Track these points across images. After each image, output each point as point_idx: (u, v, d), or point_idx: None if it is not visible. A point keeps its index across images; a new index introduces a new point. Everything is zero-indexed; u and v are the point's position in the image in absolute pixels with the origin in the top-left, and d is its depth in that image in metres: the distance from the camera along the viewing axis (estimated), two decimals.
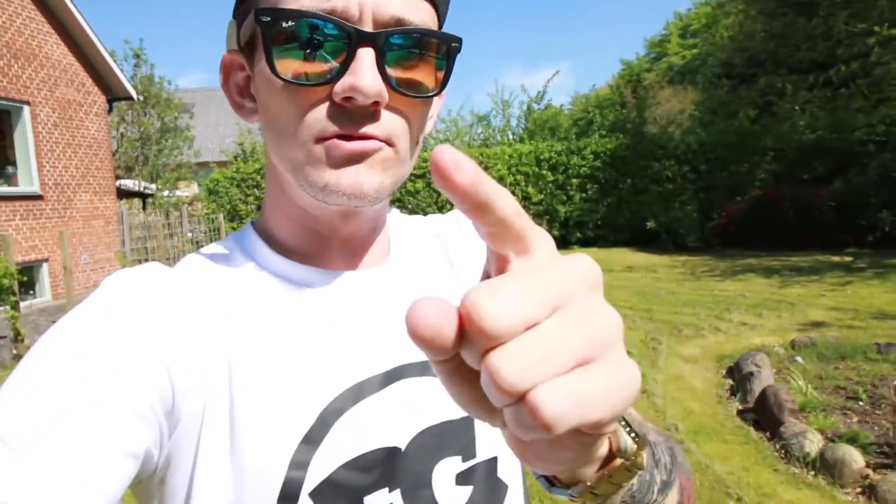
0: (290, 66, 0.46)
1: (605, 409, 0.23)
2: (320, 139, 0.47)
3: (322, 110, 0.47)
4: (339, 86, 0.45)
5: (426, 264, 0.62)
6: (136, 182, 18.85)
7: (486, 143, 15.99)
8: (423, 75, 0.49)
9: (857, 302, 6.21)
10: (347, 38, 0.45)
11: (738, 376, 4.18)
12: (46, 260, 9.72)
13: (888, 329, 5.12)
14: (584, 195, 12.57)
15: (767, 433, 3.43)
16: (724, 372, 4.49)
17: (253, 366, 0.48)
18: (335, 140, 0.47)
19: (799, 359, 4.40)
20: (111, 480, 0.40)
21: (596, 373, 0.23)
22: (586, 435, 0.26)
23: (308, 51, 0.46)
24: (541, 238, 0.27)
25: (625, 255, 10.85)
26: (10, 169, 9.68)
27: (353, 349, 0.52)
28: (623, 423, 0.39)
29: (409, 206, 12.76)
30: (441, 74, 0.50)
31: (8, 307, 6.51)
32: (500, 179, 12.78)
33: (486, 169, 12.89)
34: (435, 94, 0.50)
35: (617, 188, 12.40)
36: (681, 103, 20.45)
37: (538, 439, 0.25)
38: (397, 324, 0.55)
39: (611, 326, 0.25)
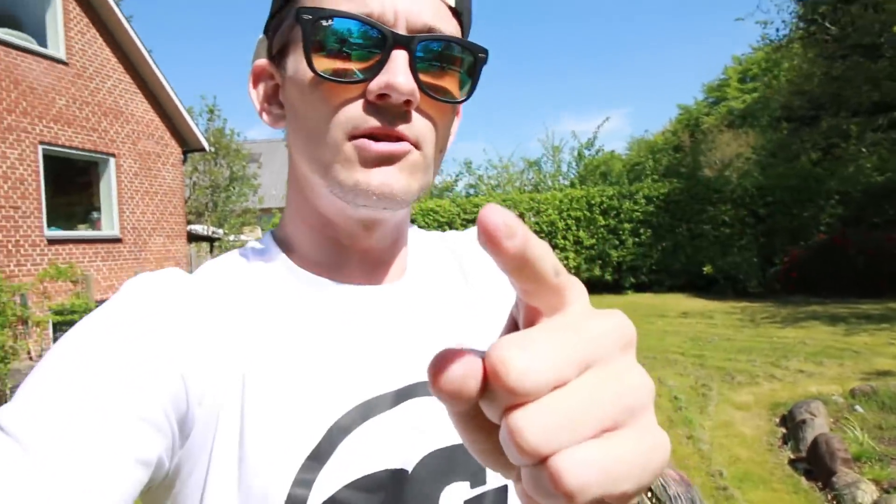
0: (326, 63, 0.48)
1: (632, 481, 0.22)
2: (353, 136, 0.48)
3: (355, 107, 0.48)
4: (375, 83, 0.47)
5: (443, 281, 0.62)
6: (205, 227, 19.96)
7: (538, 189, 16.15)
8: (452, 82, 0.50)
9: None
10: (383, 40, 0.47)
11: (791, 424, 4.03)
12: None
13: None
14: (637, 240, 12.43)
15: (819, 483, 3.29)
16: (777, 420, 4.33)
17: (265, 379, 0.48)
18: (365, 140, 0.48)
19: (858, 408, 4.20)
20: (122, 487, 0.40)
21: (624, 440, 0.22)
22: None
23: (345, 49, 0.48)
24: (576, 291, 0.25)
25: (680, 301, 10.59)
26: (94, 214, 10.55)
27: (365, 365, 0.52)
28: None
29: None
30: (468, 84, 0.52)
31: None
32: (552, 224, 12.84)
33: (537, 213, 13.00)
34: (462, 101, 0.52)
35: (672, 232, 12.22)
36: (741, 147, 20.10)
37: None
38: (411, 341, 0.55)
39: (641, 389, 0.24)
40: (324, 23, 0.47)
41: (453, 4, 0.52)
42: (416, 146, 0.50)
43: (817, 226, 11.20)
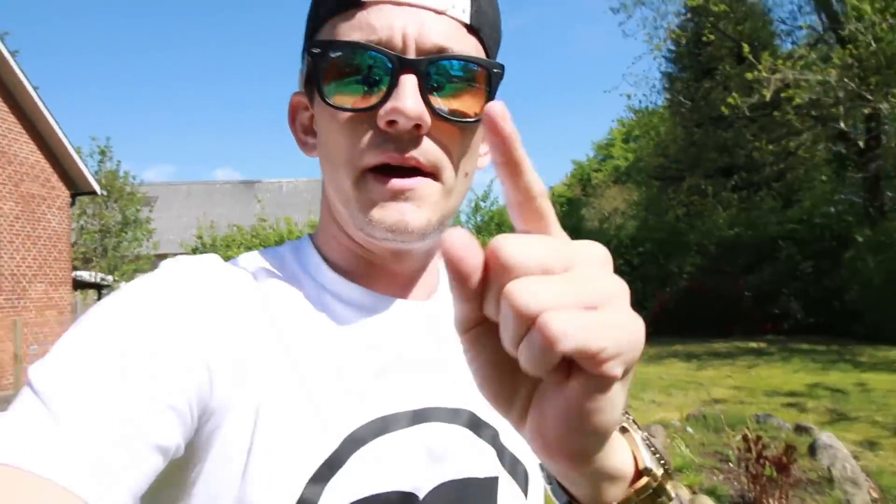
0: (339, 93, 0.49)
1: (608, 342, 0.26)
2: (366, 169, 0.49)
3: (368, 137, 0.49)
4: (383, 110, 0.47)
5: None
6: (93, 274, 18.89)
7: None
8: (466, 102, 0.50)
9: (757, 382, 6.92)
10: (391, 66, 0.47)
11: None
12: None
13: (774, 403, 5.79)
14: None
15: None
16: None
17: (285, 381, 0.48)
18: (379, 178, 0.49)
19: (689, 429, 4.97)
20: (139, 471, 0.40)
21: (601, 313, 0.26)
22: (598, 379, 0.27)
23: (355, 80, 0.48)
24: (559, 229, 0.31)
25: None
26: None
27: (385, 380, 0.52)
28: (652, 449, 0.41)
29: None
30: (483, 101, 0.51)
31: None
32: None
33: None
34: (477, 121, 0.51)
35: None
36: (625, 201, 22.11)
37: (556, 412, 0.29)
38: (434, 362, 0.55)
39: (617, 286, 0.28)
40: (332, 55, 0.49)
41: (468, 21, 0.51)
42: (434, 174, 0.50)
43: (681, 273, 12.63)
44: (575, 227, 14.65)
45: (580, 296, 0.26)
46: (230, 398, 0.46)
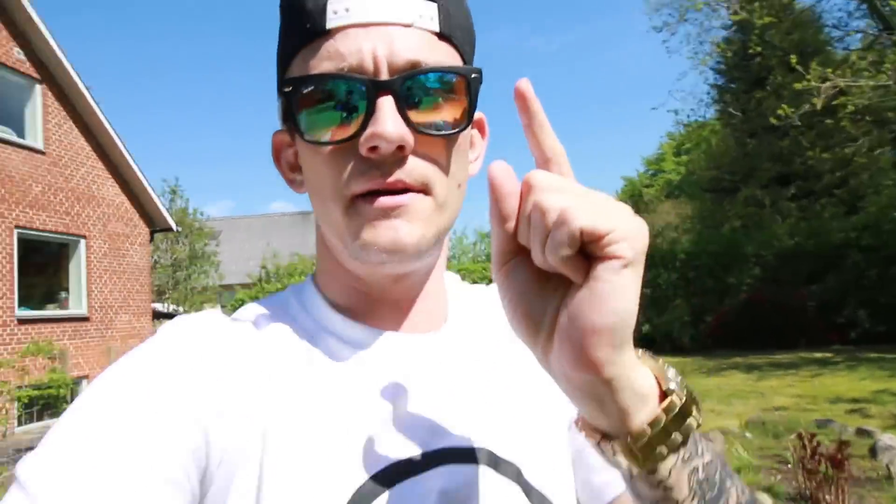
0: (317, 127, 0.48)
1: (614, 224, 0.35)
2: (354, 196, 0.48)
3: (352, 166, 0.48)
4: (363, 138, 0.46)
5: (485, 334, 0.60)
6: (166, 305, 20.11)
7: (490, 260, 17.15)
8: (447, 113, 0.49)
9: (820, 390, 6.85)
10: (365, 90, 0.46)
11: None
12: (86, 377, 10.60)
13: (836, 410, 5.76)
14: None
15: None
16: None
17: (287, 436, 0.46)
18: (368, 198, 0.48)
19: (748, 435, 5.05)
20: None
21: (610, 210, 0.36)
22: (611, 273, 0.35)
23: (331, 111, 0.47)
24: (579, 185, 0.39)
25: None
26: (63, 294, 10.88)
27: (396, 423, 0.50)
28: (674, 375, 0.42)
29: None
30: (465, 109, 0.50)
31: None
32: None
33: (490, 281, 13.91)
34: (461, 130, 0.50)
35: None
36: (678, 215, 21.83)
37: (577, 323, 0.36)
38: (448, 399, 0.52)
39: (625, 208, 0.37)
40: (304, 90, 0.48)
41: (438, 29, 0.50)
42: (425, 190, 0.49)
43: (740, 286, 12.45)
44: None
45: (596, 203, 0.36)
46: (231, 458, 0.45)
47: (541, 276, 0.39)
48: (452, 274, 0.65)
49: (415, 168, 0.48)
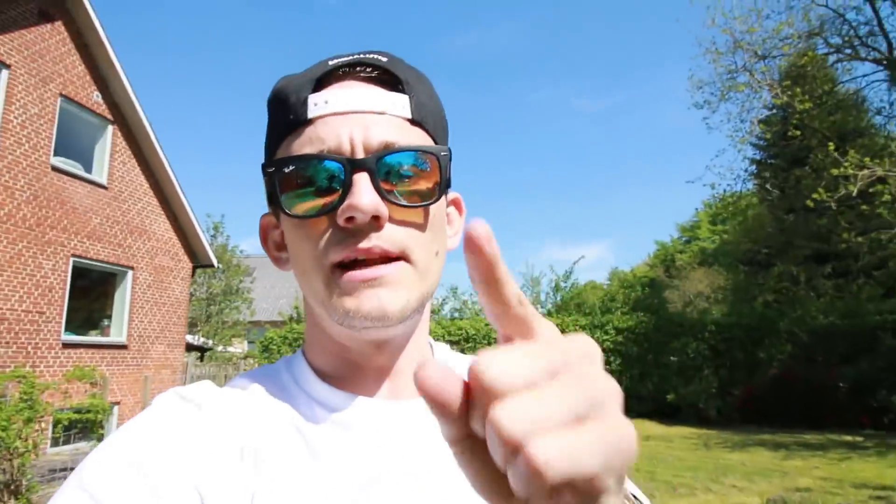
0: (298, 205, 0.52)
1: (598, 463, 0.24)
2: (335, 266, 0.52)
3: (330, 238, 0.52)
4: (340, 210, 0.50)
5: None
6: (196, 337, 20.63)
7: None
8: (420, 187, 0.53)
9: (847, 474, 6.72)
10: (342, 168, 0.51)
11: None
12: (118, 403, 10.94)
13: (861, 495, 5.67)
14: (608, 367, 13.30)
15: None
16: None
17: (273, 499, 0.48)
18: (348, 272, 0.51)
19: None
20: None
21: (590, 429, 0.25)
22: (587, 495, 0.25)
23: (312, 189, 0.52)
24: (545, 325, 0.30)
25: (645, 426, 11.35)
26: (105, 321, 11.38)
27: (378, 488, 0.51)
28: None
29: None
30: (436, 183, 0.54)
31: (95, 440, 7.63)
32: None
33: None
34: (434, 201, 0.54)
35: (640, 361, 13.22)
36: (710, 285, 21.67)
37: None
38: (428, 467, 0.54)
39: (606, 390, 0.27)
40: (286, 170, 0.52)
41: (410, 116, 0.55)
42: (404, 257, 0.52)
43: (770, 361, 12.27)
44: (657, 310, 14.65)
45: (567, 409, 0.25)
46: None
47: None
48: (442, 344, 0.68)
49: (392, 235, 0.52)
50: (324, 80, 0.55)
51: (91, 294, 11.12)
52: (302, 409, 0.55)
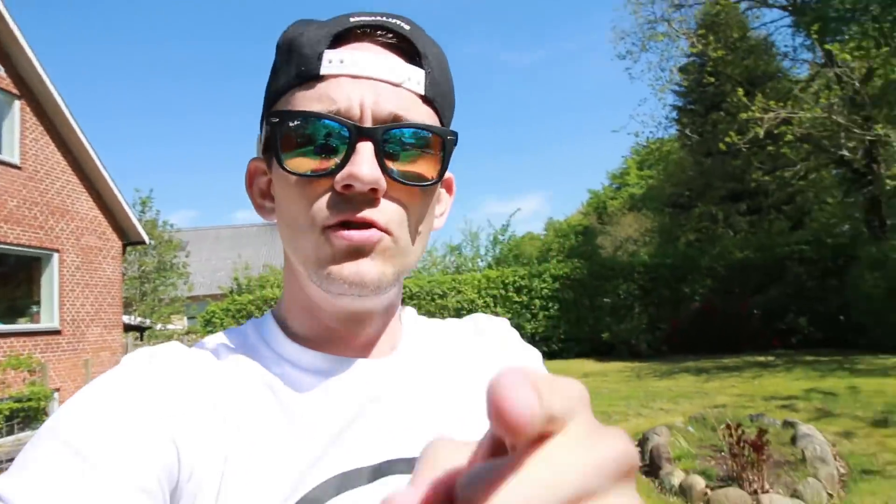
0: (297, 161, 0.51)
1: None
2: (325, 227, 0.51)
3: (326, 200, 0.51)
4: (339, 175, 0.50)
5: (435, 361, 0.63)
6: (133, 317, 20.02)
7: (459, 271, 17.80)
8: (421, 167, 0.53)
9: (758, 389, 7.54)
10: (349, 134, 0.50)
11: (643, 444, 5.41)
12: (58, 390, 10.66)
13: (770, 406, 6.43)
14: (546, 313, 14.09)
15: (652, 477, 4.64)
16: (636, 443, 5.69)
17: (245, 455, 0.49)
18: (336, 231, 0.51)
19: (691, 428, 5.65)
20: None
21: None
22: None
23: (313, 147, 0.51)
24: (573, 407, 0.20)
25: (584, 365, 12.12)
26: (33, 308, 10.94)
27: (343, 437, 0.53)
28: None
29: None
30: (438, 166, 0.54)
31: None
32: (472, 302, 14.32)
33: (458, 293, 14.47)
34: (432, 184, 0.54)
35: (576, 306, 13.97)
36: (639, 228, 22.78)
37: None
38: (393, 416, 0.55)
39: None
40: (290, 123, 0.51)
41: (423, 92, 0.54)
42: (388, 231, 0.52)
43: (693, 296, 13.25)
44: (590, 256, 15.41)
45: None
46: (197, 476, 0.47)
47: None
48: (410, 308, 0.69)
49: (384, 211, 0.52)
50: (342, 36, 0.53)
51: (13, 281, 10.63)
52: (273, 368, 0.56)
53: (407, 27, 0.55)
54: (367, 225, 0.51)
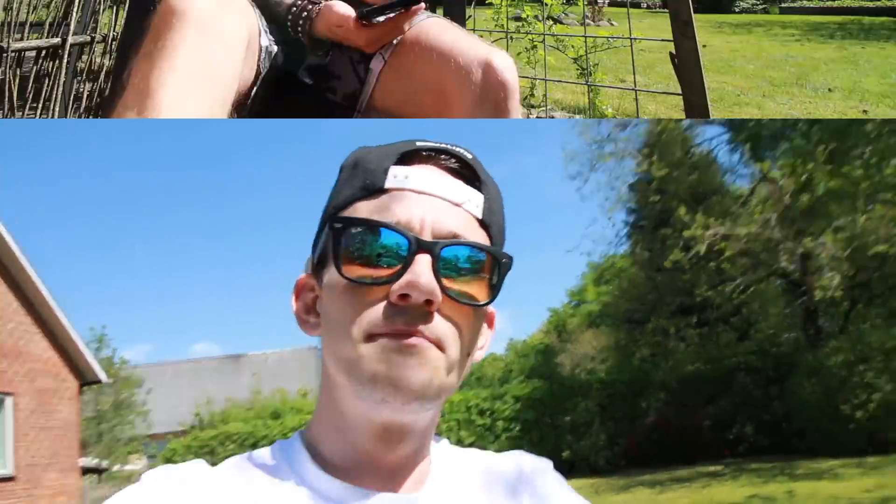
0: (355, 269, 0.52)
1: None
2: (371, 335, 0.50)
3: (378, 309, 0.50)
4: (397, 284, 0.49)
5: (467, 496, 0.60)
6: (90, 459, 19.15)
7: None
8: (474, 287, 0.53)
9: (706, 498, 7.95)
10: (408, 246, 0.50)
11: None
12: None
13: None
14: (509, 434, 14.22)
15: None
16: None
17: None
18: (386, 338, 0.50)
19: None
20: None
21: None
22: None
23: (373, 256, 0.51)
24: None
25: None
26: None
27: None
28: None
29: None
30: (491, 288, 0.54)
31: None
32: (436, 427, 14.40)
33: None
34: (485, 304, 0.54)
35: (537, 425, 14.19)
36: (597, 345, 23.36)
37: None
38: None
39: None
40: (353, 230, 0.52)
41: (480, 216, 0.55)
42: (438, 346, 0.51)
43: (648, 410, 13.67)
44: (549, 376, 15.92)
45: None
46: None
47: None
48: (443, 439, 0.67)
49: (436, 325, 0.51)
50: (408, 156, 0.56)
51: None
52: (291, 494, 0.54)
53: (469, 155, 0.58)
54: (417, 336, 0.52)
